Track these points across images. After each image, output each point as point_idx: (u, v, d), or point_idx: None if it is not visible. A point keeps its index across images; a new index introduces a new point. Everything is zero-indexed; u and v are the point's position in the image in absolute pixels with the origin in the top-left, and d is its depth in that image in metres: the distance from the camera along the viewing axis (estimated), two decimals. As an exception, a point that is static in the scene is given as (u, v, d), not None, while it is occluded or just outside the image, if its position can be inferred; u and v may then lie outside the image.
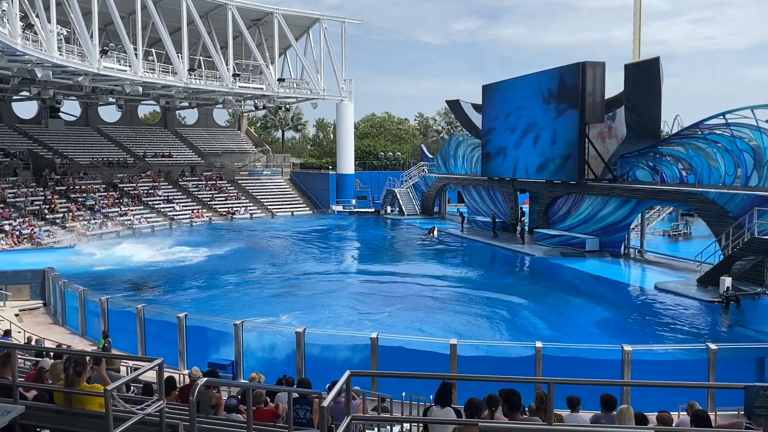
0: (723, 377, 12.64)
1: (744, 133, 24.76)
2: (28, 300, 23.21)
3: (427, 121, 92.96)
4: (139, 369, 5.16)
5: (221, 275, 28.54)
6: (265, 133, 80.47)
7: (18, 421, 4.97)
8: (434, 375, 7.20)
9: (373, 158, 66.72)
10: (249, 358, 15.31)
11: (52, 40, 32.61)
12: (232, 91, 49.72)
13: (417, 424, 8.98)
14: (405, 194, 52.28)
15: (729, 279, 21.36)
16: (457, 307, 22.42)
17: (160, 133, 61.23)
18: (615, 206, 30.16)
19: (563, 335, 18.22)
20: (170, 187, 51.96)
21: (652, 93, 27.82)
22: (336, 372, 7.16)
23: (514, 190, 38.70)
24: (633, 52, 40.54)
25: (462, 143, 47.80)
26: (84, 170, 48.50)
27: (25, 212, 38.87)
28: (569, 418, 7.75)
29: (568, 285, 26.04)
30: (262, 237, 41.64)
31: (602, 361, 13.83)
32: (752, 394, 4.10)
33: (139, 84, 42.33)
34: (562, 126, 32.50)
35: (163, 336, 16.78)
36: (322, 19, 54.76)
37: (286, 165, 62.81)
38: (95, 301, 18.68)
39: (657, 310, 21.47)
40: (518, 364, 13.68)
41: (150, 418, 4.76)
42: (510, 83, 37.65)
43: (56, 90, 44.30)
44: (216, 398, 7.84)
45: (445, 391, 6.56)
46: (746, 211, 22.96)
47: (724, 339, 17.44)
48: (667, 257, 30.33)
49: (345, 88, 56.36)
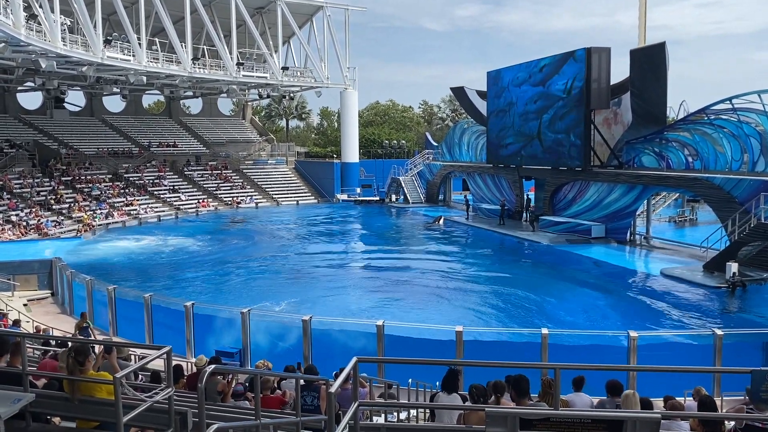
0: (729, 363, 12.65)
1: (751, 118, 24.59)
2: (36, 290, 23.37)
3: (432, 108, 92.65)
4: (147, 357, 5.20)
5: (226, 263, 28.63)
6: (269, 122, 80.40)
7: (28, 409, 5.02)
8: (440, 361, 7.23)
9: (377, 146, 66.58)
10: (256, 345, 15.39)
11: (56, 31, 32.58)
12: (236, 80, 49.65)
13: (423, 410, 9.02)
14: (410, 182, 52.21)
15: (735, 265, 21.31)
16: (462, 294, 22.45)
17: (164, 123, 61.25)
18: (621, 192, 30.06)
19: (569, 322, 18.24)
20: (175, 177, 52.05)
21: (657, 78, 27.64)
22: (343, 359, 7.20)
23: (519, 177, 38.61)
24: (638, 38, 40.31)
25: (467, 130, 47.62)
26: (89, 160, 48.61)
27: (32, 203, 39.04)
28: (574, 398, 7.79)
29: (574, 272, 26.02)
30: (268, 226, 41.71)
31: (608, 347, 13.85)
32: (758, 378, 4.11)
33: (143, 74, 42.31)
34: (567, 112, 32.33)
35: (170, 324, 16.87)
36: (326, 7, 54.50)
37: (291, 154, 62.74)
38: (102, 290, 18.79)
39: (663, 296, 21.45)
40: (524, 350, 13.70)
41: (159, 406, 4.79)
42: (515, 69, 37.44)
43: (60, 80, 44.34)
44: (221, 385, 7.91)
45: (452, 377, 6.59)
46: (753, 196, 22.87)
47: (731, 325, 17.42)
48: (673, 243, 30.26)
49: (349, 76, 56.18)
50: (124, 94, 53.58)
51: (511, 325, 17.95)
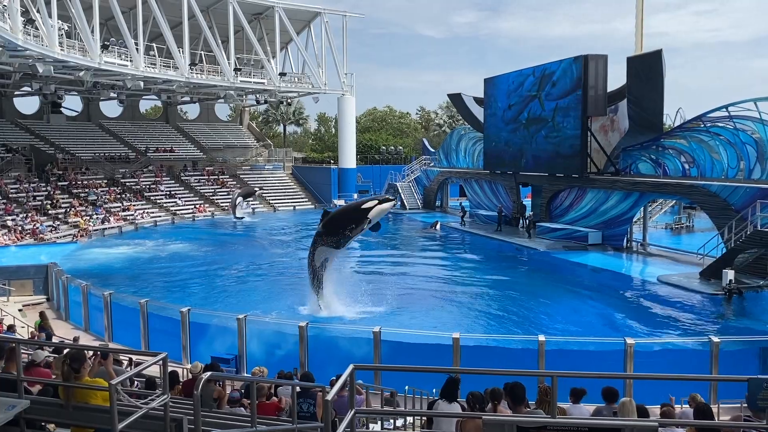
0: (726, 370, 12.65)
1: (747, 126, 24.69)
2: (32, 295, 23.24)
3: (429, 114, 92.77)
4: (143, 363, 5.17)
5: (223, 269, 28.56)
6: (266, 127, 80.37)
7: (23, 415, 4.99)
8: (437, 369, 7.22)
9: (374, 152, 66.62)
10: (252, 352, 15.33)
11: (53, 35, 32.57)
12: (234, 86, 49.66)
13: (420, 417, 8.99)
14: (407, 188, 52.24)
15: (731, 272, 21.35)
16: (458, 300, 22.42)
17: (161, 128, 61.18)
18: (617, 199, 30.12)
19: (566, 328, 18.22)
20: (172, 182, 51.97)
21: (654, 86, 27.75)
22: (340, 366, 7.17)
23: (516, 184, 38.66)
24: (635, 45, 40.50)
25: (464, 137, 47.71)
26: (86, 165, 48.51)
27: (28, 207, 38.93)
28: (572, 410, 7.78)
29: (571, 278, 26.03)
30: (264, 233, 41.63)
31: (605, 354, 13.83)
32: (755, 386, 4.11)
33: (141, 79, 42.27)
34: (564, 119, 32.42)
35: (166, 330, 16.80)
36: (323, 13, 54.61)
37: (288, 159, 62.74)
38: (98, 295, 18.72)
39: (660, 303, 21.47)
40: (521, 357, 13.68)
41: (154, 413, 4.77)
42: (512, 76, 37.55)
43: (57, 85, 44.23)
44: (217, 392, 7.88)
45: (452, 386, 6.55)
46: (749, 203, 22.92)
47: (727, 332, 17.43)
48: (670, 250, 30.31)
49: (346, 82, 56.24)
50: (121, 99, 53.50)
51: (508, 332, 17.92)
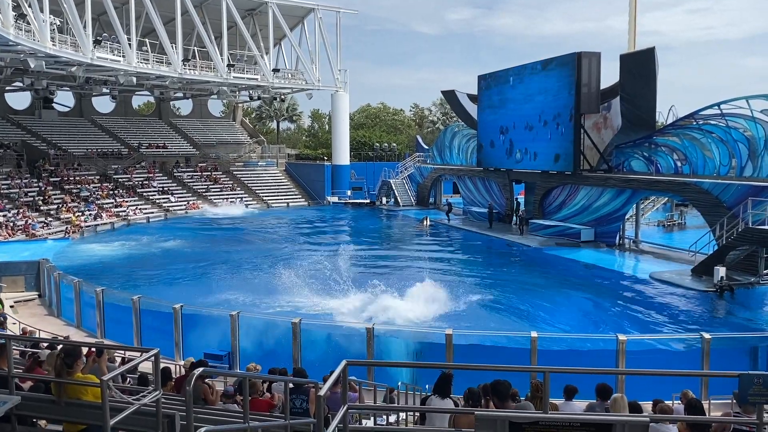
0: (717, 366, 12.72)
1: (739, 124, 24.80)
2: (23, 291, 23.14)
3: (423, 111, 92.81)
4: (135, 359, 5.16)
5: (216, 263, 28.48)
6: (260, 123, 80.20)
7: (14, 411, 4.97)
8: (430, 364, 7.23)
9: (368, 149, 66.55)
10: (245, 348, 15.31)
11: (45, 30, 32.35)
12: (227, 82, 49.50)
13: (413, 413, 9.01)
14: (400, 185, 52.24)
15: (723, 269, 21.46)
16: (450, 297, 22.41)
17: (154, 124, 60.95)
18: (610, 197, 30.21)
19: (558, 325, 18.28)
20: (165, 178, 51.79)
21: (647, 83, 27.83)
22: (334, 362, 7.17)
23: (509, 181, 38.73)
24: (629, 43, 40.51)
25: (457, 134, 47.75)
26: (78, 161, 48.28)
27: (19, 204, 38.73)
28: (564, 407, 7.80)
29: (563, 275, 26.07)
30: (258, 228, 41.56)
31: (597, 351, 13.89)
32: (747, 382, 4.13)
33: (133, 74, 42.09)
34: (557, 116, 32.49)
35: (158, 327, 16.76)
36: (317, 9, 54.48)
37: (281, 156, 62.63)
38: (90, 292, 18.64)
39: (652, 300, 21.54)
40: (514, 354, 13.72)
41: (146, 409, 4.76)
42: (505, 73, 37.59)
43: (49, 80, 44.01)
44: (204, 390, 7.75)
45: (445, 382, 6.58)
46: (740, 201, 23.02)
47: (718, 329, 17.53)
48: (662, 247, 30.42)
49: (340, 79, 56.16)
50: (114, 94, 53.21)
51: (499, 328, 17.95)
